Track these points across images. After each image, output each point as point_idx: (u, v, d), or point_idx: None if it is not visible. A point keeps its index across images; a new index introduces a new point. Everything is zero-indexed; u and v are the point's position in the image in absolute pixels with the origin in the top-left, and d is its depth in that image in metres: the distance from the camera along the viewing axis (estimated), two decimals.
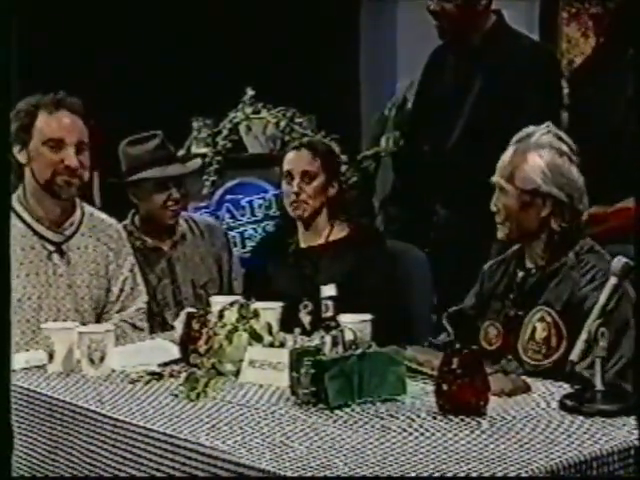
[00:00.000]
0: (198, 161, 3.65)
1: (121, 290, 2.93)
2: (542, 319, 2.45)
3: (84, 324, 2.73)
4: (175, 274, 3.22)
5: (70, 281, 2.85)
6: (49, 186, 2.78)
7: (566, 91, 3.37)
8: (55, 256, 2.85)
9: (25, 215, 2.83)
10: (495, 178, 2.53)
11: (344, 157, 4.06)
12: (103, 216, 3.00)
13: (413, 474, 1.68)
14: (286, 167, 3.20)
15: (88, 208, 2.96)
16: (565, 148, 2.51)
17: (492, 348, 2.52)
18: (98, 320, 2.88)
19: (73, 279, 2.86)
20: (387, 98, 4.79)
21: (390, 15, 4.22)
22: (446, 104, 3.40)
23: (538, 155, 2.49)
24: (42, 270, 2.82)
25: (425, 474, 1.68)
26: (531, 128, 2.55)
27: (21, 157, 2.79)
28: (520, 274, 2.56)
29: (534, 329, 2.45)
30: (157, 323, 3.08)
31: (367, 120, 4.80)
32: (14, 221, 2.76)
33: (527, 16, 4.36)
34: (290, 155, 3.22)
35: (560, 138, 2.52)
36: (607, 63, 3.02)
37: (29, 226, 2.83)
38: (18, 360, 2.59)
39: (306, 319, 2.42)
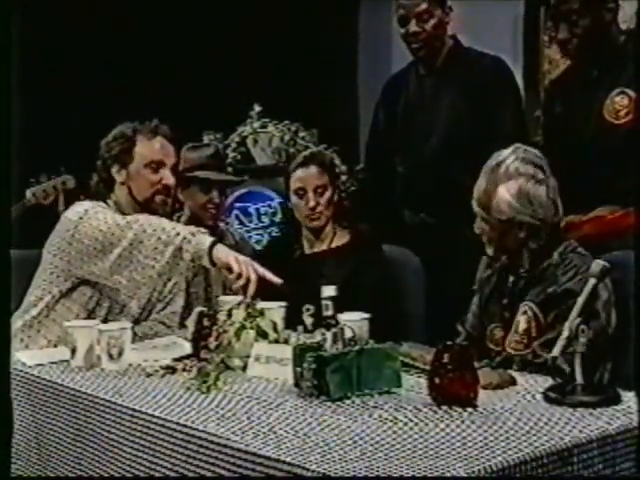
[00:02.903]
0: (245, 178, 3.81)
1: (170, 291, 2.97)
2: (524, 312, 2.45)
3: (144, 320, 2.84)
4: (208, 272, 3.21)
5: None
6: (147, 204, 2.82)
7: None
8: None
9: None
10: (475, 208, 2.51)
11: (344, 168, 4.06)
12: None
13: (408, 460, 1.66)
14: (298, 184, 3.16)
15: None
16: (532, 171, 2.47)
17: (499, 349, 2.52)
18: (148, 315, 2.91)
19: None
20: None
21: (386, 36, 4.22)
22: (414, 121, 3.37)
23: (507, 188, 2.46)
24: None
25: (419, 459, 1.66)
26: (501, 154, 2.51)
27: (119, 176, 2.83)
28: (511, 278, 2.56)
29: (518, 323, 2.46)
30: (186, 314, 3.07)
31: (364, 134, 4.79)
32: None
33: (512, 38, 4.37)
34: (300, 172, 3.17)
35: (528, 161, 2.48)
36: (575, 83, 3.01)
37: None
38: (36, 356, 2.60)
39: (308, 320, 2.43)
